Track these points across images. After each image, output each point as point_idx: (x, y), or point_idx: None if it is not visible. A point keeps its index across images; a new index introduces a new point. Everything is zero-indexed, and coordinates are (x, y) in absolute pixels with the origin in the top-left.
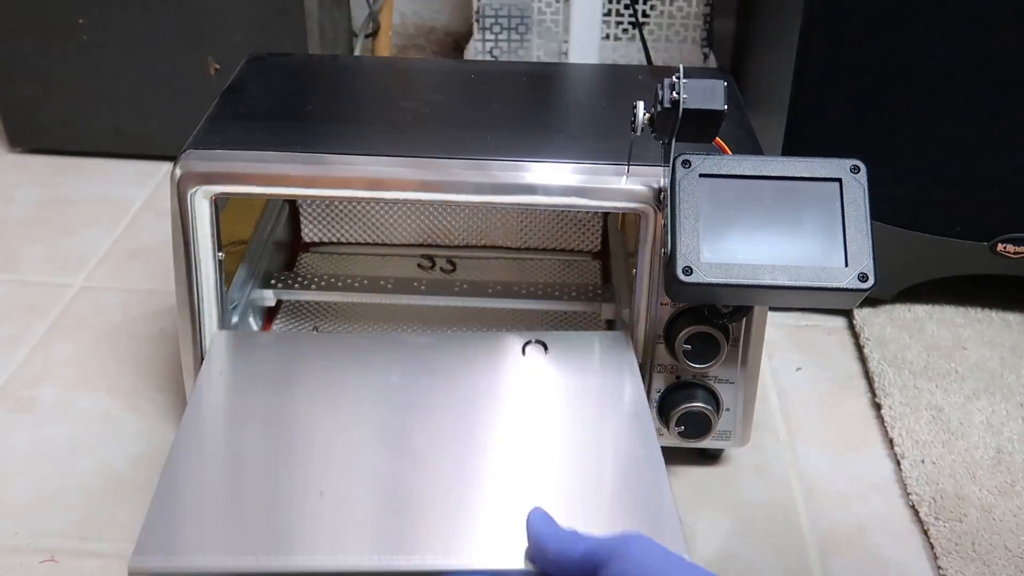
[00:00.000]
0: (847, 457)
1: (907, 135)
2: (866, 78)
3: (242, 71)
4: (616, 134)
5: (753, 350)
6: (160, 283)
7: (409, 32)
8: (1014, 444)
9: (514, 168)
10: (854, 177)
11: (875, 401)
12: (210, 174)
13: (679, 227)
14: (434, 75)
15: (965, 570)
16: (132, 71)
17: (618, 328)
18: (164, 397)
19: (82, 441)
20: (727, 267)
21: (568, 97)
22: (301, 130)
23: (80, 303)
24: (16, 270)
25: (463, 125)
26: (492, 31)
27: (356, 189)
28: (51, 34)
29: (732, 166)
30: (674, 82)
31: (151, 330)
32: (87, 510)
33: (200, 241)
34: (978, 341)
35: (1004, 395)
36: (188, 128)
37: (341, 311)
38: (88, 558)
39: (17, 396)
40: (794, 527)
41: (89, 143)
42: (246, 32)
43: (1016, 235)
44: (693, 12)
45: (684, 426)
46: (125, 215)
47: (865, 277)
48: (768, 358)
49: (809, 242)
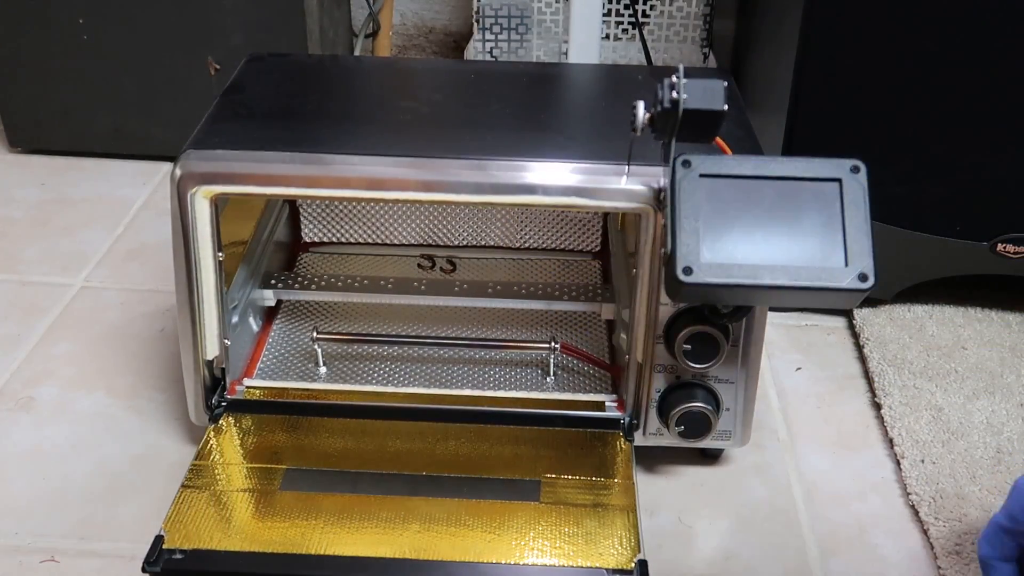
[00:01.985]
0: (847, 457)
1: (907, 135)
2: (866, 78)
3: (242, 71)
4: (616, 134)
5: (753, 350)
6: (160, 283)
7: (409, 32)
8: (1014, 444)
9: (514, 168)
10: (854, 177)
11: (875, 401)
12: (210, 174)
13: (679, 227)
14: (434, 75)
15: (965, 570)
16: (132, 71)
17: (618, 328)
18: (164, 397)
19: (82, 441)
20: (727, 267)
21: (568, 97)
22: (301, 130)
23: (80, 303)
24: (16, 270)
25: (463, 125)
26: (492, 31)
27: (356, 189)
28: (51, 34)
29: (732, 166)
30: (674, 82)
31: (151, 330)
32: (87, 510)
33: (200, 241)
34: (978, 341)
35: (1004, 395)
36: (188, 128)
37: (341, 311)
38: (88, 558)
39: (17, 396)
40: (794, 527)
41: (89, 143)
42: (246, 32)
43: (1016, 235)
44: (693, 12)
45: (684, 426)
46: (125, 215)
47: (865, 277)
48: (768, 358)
49: (809, 242)
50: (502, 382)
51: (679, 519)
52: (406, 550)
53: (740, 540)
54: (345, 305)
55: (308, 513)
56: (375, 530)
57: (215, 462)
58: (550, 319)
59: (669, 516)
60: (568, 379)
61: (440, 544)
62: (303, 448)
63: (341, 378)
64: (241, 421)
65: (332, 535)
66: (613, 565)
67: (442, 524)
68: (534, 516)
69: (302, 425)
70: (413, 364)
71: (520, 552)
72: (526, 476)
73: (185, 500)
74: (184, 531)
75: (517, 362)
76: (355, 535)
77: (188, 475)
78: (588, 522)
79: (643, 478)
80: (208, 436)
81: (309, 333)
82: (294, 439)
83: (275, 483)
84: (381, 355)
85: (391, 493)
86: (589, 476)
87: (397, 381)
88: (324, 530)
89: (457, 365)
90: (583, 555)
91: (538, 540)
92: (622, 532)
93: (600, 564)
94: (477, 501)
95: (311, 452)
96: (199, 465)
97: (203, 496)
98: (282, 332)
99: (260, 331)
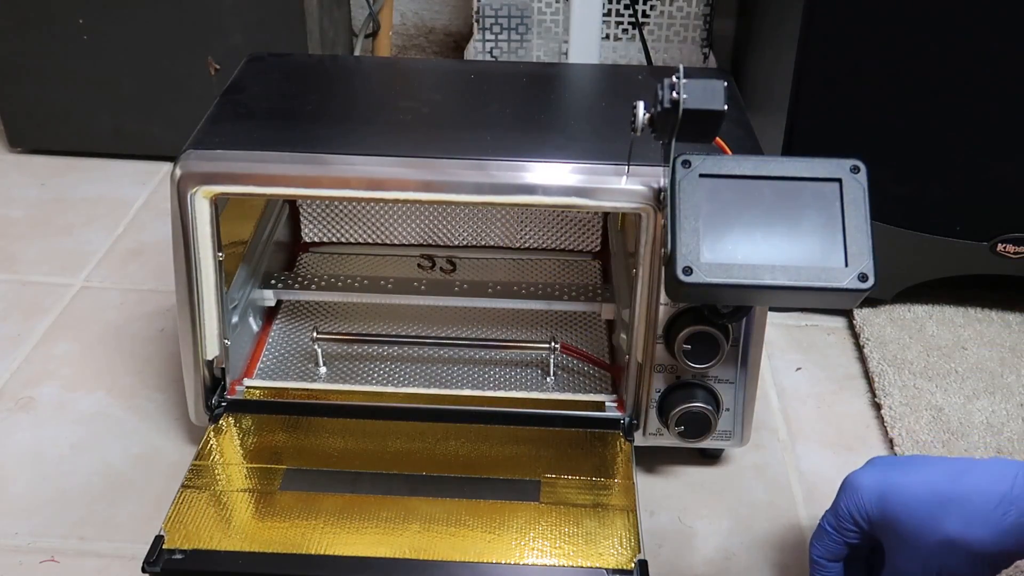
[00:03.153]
0: (847, 457)
1: (907, 135)
2: (866, 78)
3: (242, 71)
4: (616, 134)
5: (753, 350)
6: (160, 283)
7: (409, 32)
8: (1014, 444)
9: (514, 168)
10: (854, 177)
11: (875, 401)
12: (210, 174)
13: (679, 227)
14: (434, 75)
15: None
16: (132, 71)
17: (618, 328)
18: (164, 397)
19: (82, 441)
20: (727, 267)
21: (568, 97)
22: (301, 130)
23: (80, 303)
24: (16, 270)
25: (463, 125)
26: (492, 31)
27: (356, 189)
28: (51, 34)
29: (732, 166)
30: (674, 82)
31: (151, 330)
32: (87, 510)
33: (200, 241)
34: (978, 341)
35: (1004, 395)
36: (188, 128)
37: (341, 311)
38: (88, 558)
39: (17, 396)
40: (794, 527)
41: (89, 143)
42: (246, 32)
43: (1016, 235)
44: (693, 12)
45: (684, 426)
46: (125, 215)
47: (865, 277)
48: (768, 358)
49: (809, 242)
50: (502, 382)
51: (679, 519)
52: (406, 550)
53: (740, 540)
54: (345, 305)
55: (308, 513)
56: (375, 530)
57: (215, 462)
58: (550, 319)
59: (669, 516)
60: (568, 379)
61: (440, 544)
62: (303, 448)
63: (341, 378)
64: (241, 421)
65: (332, 535)
66: (613, 565)
67: (442, 524)
68: (534, 516)
69: (302, 425)
70: (413, 364)
71: (520, 552)
72: (526, 476)
73: (185, 500)
74: (184, 531)
75: (517, 362)
76: (355, 535)
77: (188, 475)
78: (588, 522)
79: (643, 478)
80: (208, 436)
81: (309, 333)
82: (294, 439)
83: (275, 483)
84: (381, 355)
85: (391, 493)
86: (589, 476)
87: (397, 381)
88: (324, 530)
89: (457, 365)
90: (583, 555)
91: (538, 540)
92: (622, 532)
93: (600, 564)
94: (477, 501)
95: (311, 452)
96: (199, 465)
97: (203, 496)
98: (282, 332)
99: (260, 331)
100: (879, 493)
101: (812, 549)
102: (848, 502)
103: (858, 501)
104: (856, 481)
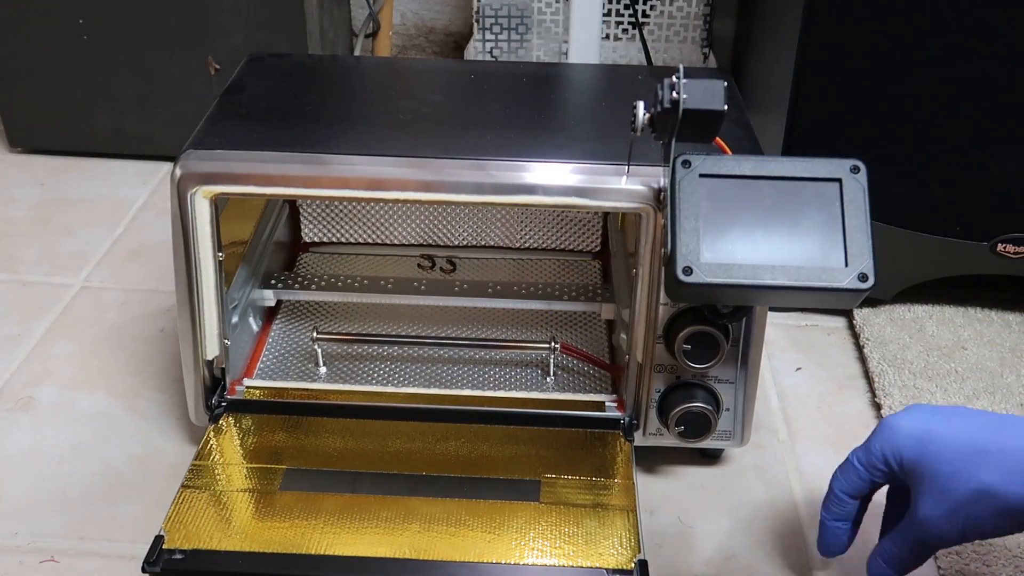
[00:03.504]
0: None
1: (907, 135)
2: (866, 78)
3: (242, 71)
4: (616, 134)
5: (753, 350)
6: (160, 283)
7: (409, 32)
8: None
9: (514, 168)
10: (854, 177)
11: (875, 401)
12: (210, 174)
13: (679, 227)
14: (434, 75)
15: (965, 570)
16: (132, 71)
17: (618, 328)
18: (164, 397)
19: (82, 441)
20: (727, 267)
21: (568, 97)
22: (301, 130)
23: (80, 303)
24: (16, 270)
25: (463, 125)
26: (492, 31)
27: (356, 189)
28: (51, 34)
29: (732, 166)
30: (674, 82)
31: (151, 330)
32: (87, 510)
33: (200, 241)
34: (978, 341)
35: (1004, 395)
36: (188, 128)
37: (341, 311)
38: (88, 558)
39: (17, 396)
40: (794, 527)
41: (89, 143)
42: (246, 32)
43: (1016, 235)
44: (693, 12)
45: (684, 426)
46: (125, 215)
47: (865, 277)
48: (768, 358)
49: (809, 242)
50: (502, 382)
51: (679, 519)
52: (406, 550)
53: (740, 540)
54: (345, 305)
55: (308, 513)
56: (375, 530)
57: (215, 462)
58: (550, 319)
59: (669, 516)
60: (568, 379)
61: (440, 544)
62: (303, 448)
63: (341, 378)
64: (241, 421)
65: (332, 535)
66: (613, 565)
67: (442, 524)
68: (534, 516)
69: (302, 425)
70: (413, 364)
71: (520, 552)
72: (526, 476)
73: (185, 500)
74: (184, 531)
75: (517, 362)
76: (355, 535)
77: (188, 475)
78: (588, 522)
79: (643, 478)
80: (208, 436)
81: (309, 333)
82: (294, 439)
83: (275, 483)
84: (381, 355)
85: (391, 493)
86: (589, 476)
87: (397, 381)
88: (324, 530)
89: (457, 365)
90: (583, 555)
91: (538, 540)
92: (622, 532)
93: (600, 564)
94: (477, 501)
95: (311, 452)
96: (199, 465)
97: (203, 496)
98: (282, 332)
99: (260, 331)
100: (917, 436)
101: (834, 482)
102: (883, 442)
103: (894, 442)
104: (895, 423)
